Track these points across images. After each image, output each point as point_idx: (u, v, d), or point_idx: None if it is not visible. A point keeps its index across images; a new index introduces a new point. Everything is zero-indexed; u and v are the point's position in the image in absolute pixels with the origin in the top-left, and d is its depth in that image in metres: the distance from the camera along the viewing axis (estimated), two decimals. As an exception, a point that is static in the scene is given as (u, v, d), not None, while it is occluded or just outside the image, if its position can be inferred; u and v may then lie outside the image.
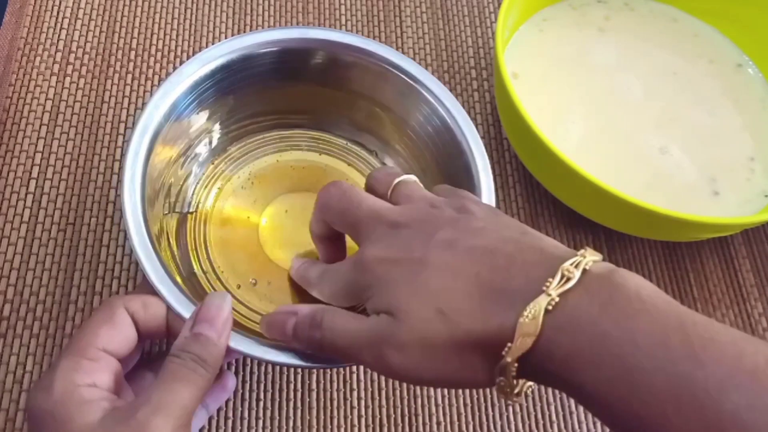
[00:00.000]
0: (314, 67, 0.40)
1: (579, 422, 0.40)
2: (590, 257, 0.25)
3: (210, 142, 0.40)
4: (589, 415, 0.40)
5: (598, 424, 0.40)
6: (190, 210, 0.39)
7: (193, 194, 0.40)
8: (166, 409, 0.27)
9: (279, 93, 0.41)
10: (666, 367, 0.22)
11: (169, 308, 0.31)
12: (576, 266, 0.25)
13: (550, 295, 0.24)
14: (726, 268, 0.46)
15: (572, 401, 0.40)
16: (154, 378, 0.29)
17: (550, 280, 0.25)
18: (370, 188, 0.34)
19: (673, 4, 0.52)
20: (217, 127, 0.40)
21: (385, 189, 0.32)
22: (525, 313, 0.24)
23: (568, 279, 0.25)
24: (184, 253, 0.37)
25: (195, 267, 0.37)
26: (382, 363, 0.27)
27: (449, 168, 0.39)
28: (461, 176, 0.37)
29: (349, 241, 0.34)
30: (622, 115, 0.47)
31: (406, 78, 0.39)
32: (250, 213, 0.40)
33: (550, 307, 0.24)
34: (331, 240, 0.34)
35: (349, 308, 0.31)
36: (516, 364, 0.25)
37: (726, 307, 0.45)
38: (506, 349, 0.25)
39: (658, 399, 0.22)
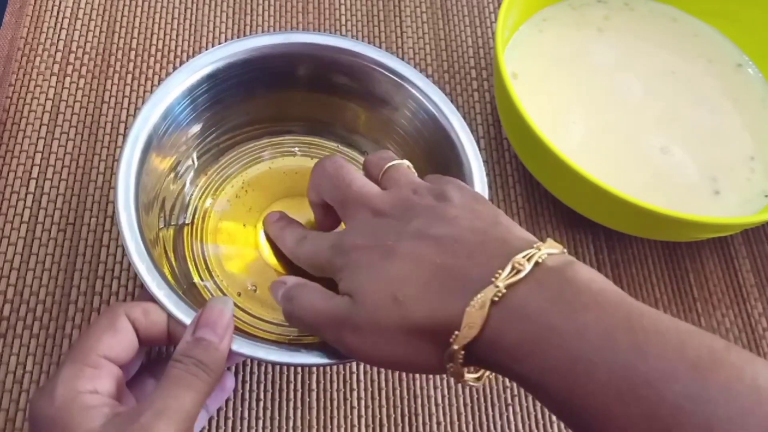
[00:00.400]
0: (300, 72, 0.40)
1: (579, 422, 0.40)
2: (546, 250, 0.26)
3: (201, 153, 0.40)
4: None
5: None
6: (186, 221, 0.39)
7: (187, 205, 0.40)
8: (169, 413, 0.27)
9: (267, 100, 0.41)
10: (610, 358, 0.23)
11: (169, 316, 0.31)
12: (528, 259, 0.25)
13: (497, 286, 0.25)
14: (726, 268, 0.46)
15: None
16: (156, 384, 0.29)
17: (500, 271, 0.25)
18: (364, 171, 0.34)
19: (673, 4, 0.52)
20: (207, 137, 0.40)
21: (377, 172, 0.33)
22: (472, 303, 0.25)
23: (519, 271, 0.25)
24: (182, 265, 0.37)
25: (194, 277, 0.37)
26: (340, 342, 0.29)
27: (440, 159, 0.39)
28: (452, 167, 0.38)
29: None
30: (622, 115, 0.47)
31: (392, 76, 0.39)
32: (245, 221, 0.40)
33: (496, 299, 0.25)
34: (326, 207, 0.35)
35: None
36: (463, 352, 0.26)
37: (726, 307, 0.45)
38: (453, 337, 0.26)
39: (602, 390, 0.23)
